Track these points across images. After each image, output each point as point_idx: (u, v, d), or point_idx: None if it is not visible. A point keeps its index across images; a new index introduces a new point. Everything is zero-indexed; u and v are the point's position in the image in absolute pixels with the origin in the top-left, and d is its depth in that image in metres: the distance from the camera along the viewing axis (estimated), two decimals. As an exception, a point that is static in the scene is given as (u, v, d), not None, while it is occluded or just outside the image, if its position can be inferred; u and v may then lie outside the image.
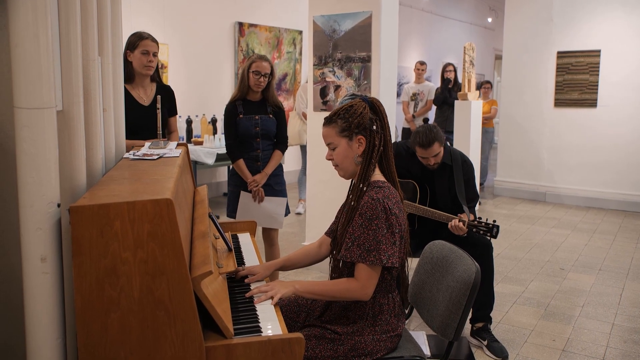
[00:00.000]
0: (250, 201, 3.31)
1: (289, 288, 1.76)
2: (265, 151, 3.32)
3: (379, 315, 1.85)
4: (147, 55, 2.93)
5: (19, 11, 1.23)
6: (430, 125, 3.10)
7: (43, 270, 1.30)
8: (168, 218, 1.29)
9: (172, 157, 1.91)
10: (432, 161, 3.05)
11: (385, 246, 1.75)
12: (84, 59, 1.56)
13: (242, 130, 3.25)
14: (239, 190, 3.33)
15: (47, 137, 1.29)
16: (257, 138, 3.28)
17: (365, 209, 1.76)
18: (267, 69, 3.21)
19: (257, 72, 3.19)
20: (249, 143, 3.28)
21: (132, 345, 1.31)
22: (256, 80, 3.20)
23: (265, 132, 3.27)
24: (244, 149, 3.30)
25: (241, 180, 3.31)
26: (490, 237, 2.89)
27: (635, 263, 4.57)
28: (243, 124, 3.24)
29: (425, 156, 3.04)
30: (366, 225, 1.75)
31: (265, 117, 3.28)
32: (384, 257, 1.74)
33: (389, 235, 1.76)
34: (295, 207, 6.32)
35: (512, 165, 7.38)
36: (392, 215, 1.77)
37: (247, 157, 3.30)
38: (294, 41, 7.84)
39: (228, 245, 1.91)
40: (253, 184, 3.27)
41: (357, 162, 1.87)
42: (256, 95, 3.29)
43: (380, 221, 1.74)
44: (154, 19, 6.04)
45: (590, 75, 6.73)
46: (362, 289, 1.76)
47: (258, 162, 3.31)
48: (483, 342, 3.00)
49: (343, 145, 1.85)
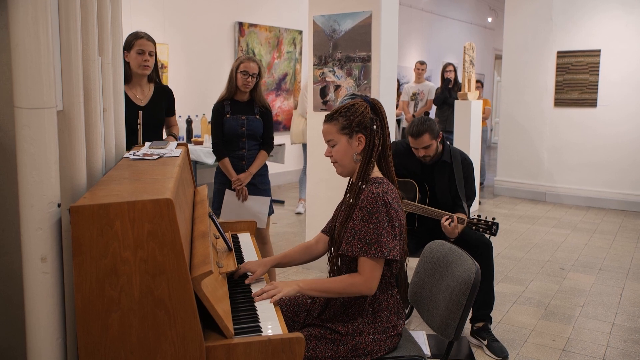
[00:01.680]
0: (235, 199, 3.35)
1: (292, 287, 1.76)
2: (250, 151, 3.35)
3: (379, 313, 1.85)
4: (142, 55, 2.92)
5: (20, 11, 1.23)
6: (426, 117, 3.13)
7: (43, 270, 1.30)
8: (168, 218, 1.29)
9: (172, 157, 1.91)
10: (421, 152, 3.07)
11: (387, 239, 1.76)
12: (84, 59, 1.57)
13: (229, 130, 3.28)
14: (224, 188, 3.37)
15: (48, 137, 1.29)
16: (243, 138, 3.31)
17: (366, 202, 1.77)
18: (255, 69, 3.23)
19: (245, 72, 3.21)
20: (234, 142, 3.32)
21: (133, 344, 1.31)
22: (244, 81, 3.22)
23: (251, 132, 3.31)
24: (229, 148, 3.33)
25: (226, 179, 3.35)
26: (490, 235, 2.90)
27: (636, 263, 4.57)
28: (229, 123, 3.27)
29: (415, 146, 3.07)
30: (367, 219, 1.76)
31: (252, 117, 3.31)
32: (386, 250, 1.75)
33: (389, 228, 1.77)
34: (296, 206, 6.32)
35: (512, 165, 7.38)
36: (392, 209, 1.78)
37: (233, 156, 3.33)
38: (294, 41, 7.84)
39: (228, 245, 1.91)
40: (237, 183, 3.31)
41: (356, 160, 1.88)
42: (244, 96, 3.32)
43: (381, 214, 1.76)
44: (154, 18, 6.04)
45: (590, 75, 6.73)
46: (366, 283, 1.77)
47: (243, 161, 3.34)
48: (483, 342, 3.00)
49: (343, 142, 1.87)
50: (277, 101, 7.62)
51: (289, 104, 7.77)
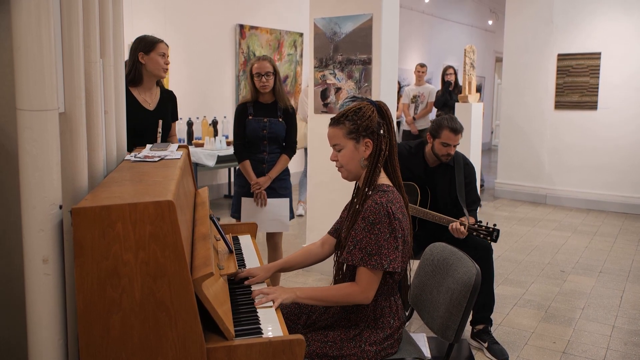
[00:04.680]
0: (253, 205, 3.29)
1: (289, 294, 1.75)
2: (272, 154, 3.29)
3: (381, 319, 1.85)
4: (164, 57, 2.98)
5: (22, 13, 1.24)
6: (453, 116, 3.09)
7: (45, 271, 1.30)
8: (169, 220, 1.29)
9: (173, 159, 1.91)
10: (452, 150, 3.02)
11: (387, 250, 1.74)
12: (85, 61, 1.57)
13: (250, 132, 3.24)
14: (243, 191, 3.32)
15: (49, 138, 1.30)
16: (265, 141, 3.26)
17: (369, 213, 1.75)
18: (268, 67, 3.19)
19: (258, 74, 3.19)
20: (256, 145, 3.27)
21: (134, 346, 1.31)
22: (260, 82, 3.19)
23: (273, 135, 3.25)
24: (251, 150, 3.29)
25: (246, 182, 3.29)
26: (491, 241, 2.89)
27: (636, 265, 4.57)
28: (251, 125, 3.23)
29: (451, 143, 3.00)
30: (369, 229, 1.74)
31: (275, 120, 3.25)
32: (385, 262, 1.74)
33: (391, 240, 1.75)
34: (296, 209, 6.32)
35: (512, 167, 7.38)
36: (396, 220, 1.76)
37: (254, 159, 3.28)
38: (294, 43, 7.85)
39: (229, 247, 1.91)
40: (256, 187, 3.25)
41: (363, 165, 1.85)
42: (267, 97, 3.28)
43: (383, 225, 1.74)
44: (155, 21, 6.06)
45: (590, 78, 6.74)
46: (362, 293, 1.76)
47: (264, 164, 3.29)
48: (483, 344, 3.00)
49: (350, 147, 1.84)
50: (277, 103, 7.63)
51: (289, 106, 7.78)
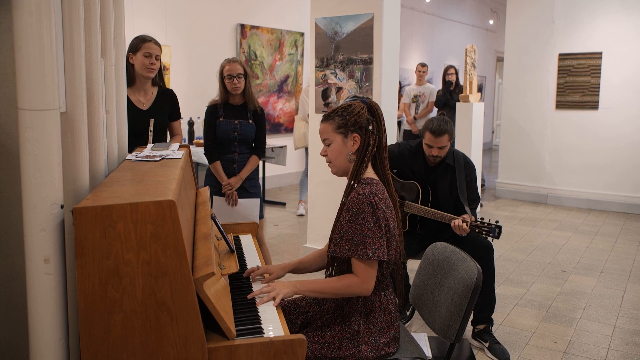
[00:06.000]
0: (224, 204, 3.34)
1: (290, 288, 1.77)
2: (242, 155, 3.35)
3: (372, 313, 1.85)
4: (149, 58, 2.95)
5: (23, 13, 1.24)
6: (447, 119, 3.08)
7: (46, 271, 1.30)
8: (171, 219, 1.29)
9: (174, 159, 1.91)
10: (435, 152, 3.02)
11: (372, 239, 1.76)
12: (87, 61, 1.57)
13: (221, 134, 3.28)
14: (214, 190, 3.36)
15: (51, 138, 1.30)
16: (235, 142, 3.31)
17: (352, 204, 1.78)
18: (238, 69, 3.23)
19: (229, 76, 3.22)
20: (226, 146, 3.32)
21: (135, 346, 1.31)
22: (231, 84, 3.23)
23: (243, 137, 3.31)
24: (221, 151, 3.33)
25: (216, 181, 3.34)
26: (493, 238, 2.89)
27: (637, 265, 4.57)
28: (222, 127, 3.28)
29: (432, 144, 3.01)
30: (353, 220, 1.77)
31: (245, 122, 3.30)
32: (370, 251, 1.75)
33: (375, 229, 1.77)
34: (297, 208, 6.32)
35: (513, 167, 7.38)
36: (379, 209, 1.78)
37: (224, 160, 3.33)
38: (295, 43, 7.85)
39: (230, 246, 1.92)
40: (227, 187, 3.30)
41: (351, 159, 1.89)
42: (237, 99, 3.32)
43: (367, 215, 1.76)
44: (156, 21, 6.06)
45: (591, 78, 6.73)
46: (362, 284, 1.78)
47: (234, 164, 3.33)
48: (485, 344, 3.00)
49: (338, 141, 1.89)
50: (278, 103, 7.63)
51: (290, 106, 7.78)
